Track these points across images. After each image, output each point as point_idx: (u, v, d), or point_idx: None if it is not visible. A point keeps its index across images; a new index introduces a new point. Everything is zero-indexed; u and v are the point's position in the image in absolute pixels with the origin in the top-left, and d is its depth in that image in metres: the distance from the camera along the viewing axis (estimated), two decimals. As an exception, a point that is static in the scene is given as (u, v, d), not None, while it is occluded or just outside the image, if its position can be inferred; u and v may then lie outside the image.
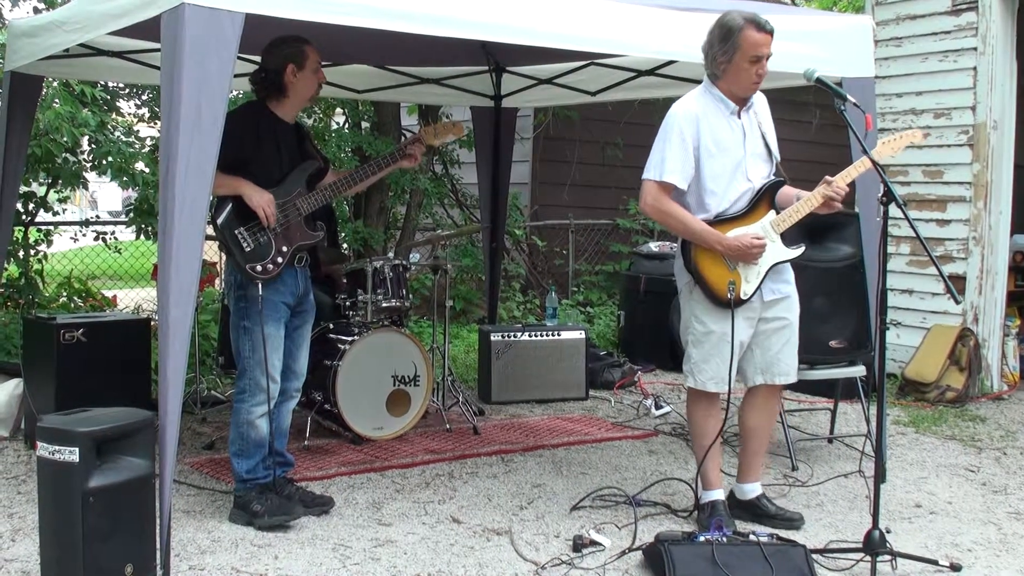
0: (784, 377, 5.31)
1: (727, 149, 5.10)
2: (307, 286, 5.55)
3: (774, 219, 5.13)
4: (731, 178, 5.10)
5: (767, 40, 4.97)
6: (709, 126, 5.07)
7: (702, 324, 5.17)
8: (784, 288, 5.24)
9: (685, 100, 5.17)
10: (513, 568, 4.72)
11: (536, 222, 13.30)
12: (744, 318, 5.12)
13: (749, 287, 5.09)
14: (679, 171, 5.03)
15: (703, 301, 5.14)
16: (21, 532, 5.06)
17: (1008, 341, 9.27)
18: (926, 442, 7.30)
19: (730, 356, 5.06)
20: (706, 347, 5.17)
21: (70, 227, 10.74)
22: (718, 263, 5.08)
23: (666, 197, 5.07)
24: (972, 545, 5.17)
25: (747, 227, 5.09)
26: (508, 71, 8.51)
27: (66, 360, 6.38)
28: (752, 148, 5.17)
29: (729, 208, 5.11)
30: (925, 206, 9.16)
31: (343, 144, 10.77)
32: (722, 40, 5.01)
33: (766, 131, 5.24)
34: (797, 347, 5.33)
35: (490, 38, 5.35)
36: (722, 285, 5.05)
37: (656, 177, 5.05)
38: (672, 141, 5.04)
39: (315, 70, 5.41)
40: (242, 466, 5.28)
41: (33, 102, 6.89)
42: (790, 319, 5.27)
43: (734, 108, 5.12)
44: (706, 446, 5.26)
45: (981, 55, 8.78)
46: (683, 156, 5.03)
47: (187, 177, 4.23)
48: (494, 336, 8.37)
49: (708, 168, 5.07)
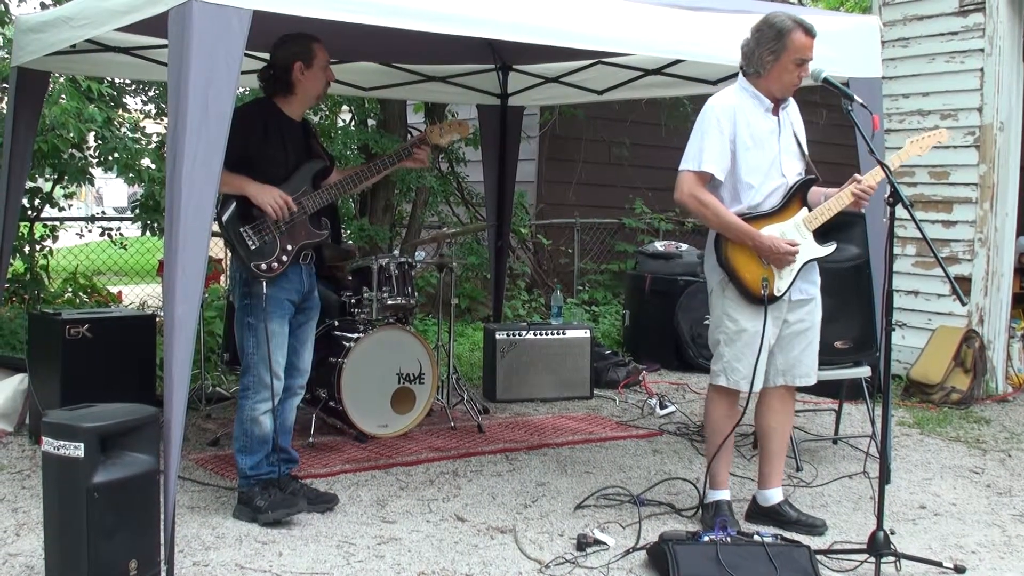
0: (804, 379, 5.32)
1: (763, 144, 5.11)
2: (312, 283, 5.55)
3: (807, 216, 5.14)
4: (767, 172, 5.12)
5: (811, 45, 5.02)
6: (746, 120, 5.09)
7: (734, 322, 5.15)
8: (811, 289, 5.25)
9: (722, 94, 5.21)
10: (517, 566, 4.72)
11: (542, 221, 13.29)
12: (772, 317, 5.11)
13: (783, 284, 5.09)
14: (716, 161, 5.04)
15: (736, 298, 5.13)
16: (26, 527, 5.06)
17: (1013, 343, 9.26)
18: (931, 444, 7.29)
19: (758, 354, 5.07)
20: (738, 345, 5.15)
21: (76, 223, 10.75)
22: (752, 260, 5.08)
23: (702, 187, 5.08)
24: (976, 547, 5.16)
25: (780, 224, 5.10)
26: (515, 69, 8.51)
27: (71, 356, 6.38)
28: (786, 145, 5.19)
29: (763, 202, 5.12)
30: (931, 207, 9.14)
31: (349, 142, 10.77)
32: (773, 39, 5.03)
33: (797, 131, 5.26)
34: (818, 350, 5.34)
35: (497, 36, 5.34)
36: (756, 282, 5.05)
37: (694, 167, 5.07)
38: (710, 132, 5.07)
39: (323, 68, 5.40)
40: (246, 462, 5.28)
41: (40, 98, 6.89)
42: (813, 322, 5.28)
43: (769, 105, 5.14)
44: (720, 444, 5.25)
45: (988, 56, 8.77)
46: (720, 147, 5.05)
47: (194, 174, 4.23)
48: (499, 334, 8.37)
49: (744, 161, 5.08)
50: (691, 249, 10.74)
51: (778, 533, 4.83)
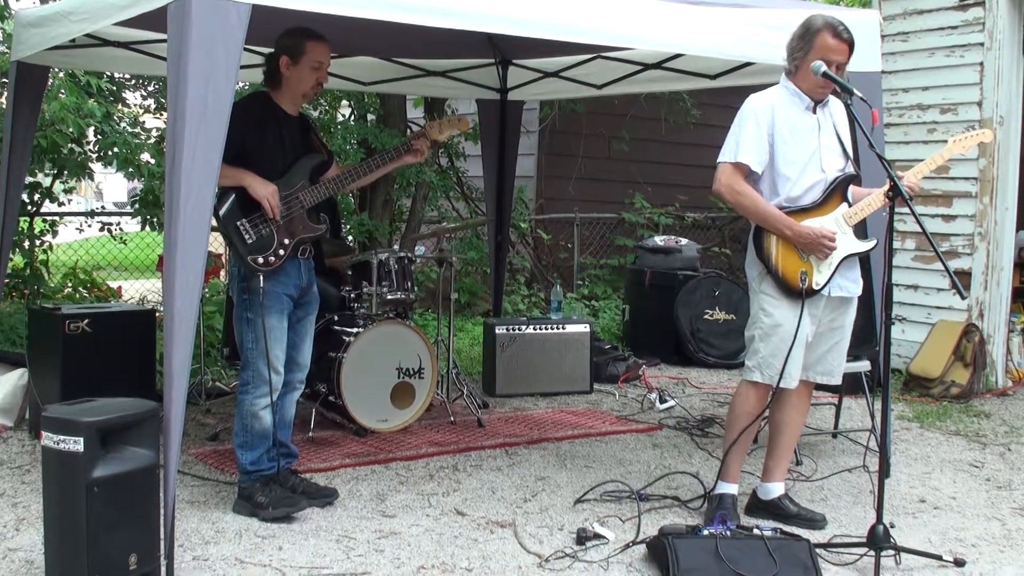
0: (826, 377, 5.32)
1: (801, 138, 5.12)
2: (311, 278, 5.54)
3: (847, 212, 5.13)
4: (805, 166, 5.11)
5: (840, 48, 5.02)
6: (784, 115, 5.11)
7: (770, 317, 5.13)
8: (852, 288, 5.23)
9: (763, 92, 5.23)
10: (517, 560, 4.72)
11: (541, 215, 13.30)
12: (809, 314, 5.09)
13: (821, 277, 5.08)
14: (753, 153, 5.06)
15: (773, 292, 5.11)
16: (25, 522, 5.07)
17: (1013, 337, 9.27)
18: (930, 438, 7.29)
19: (791, 348, 5.03)
20: (774, 341, 5.12)
21: (75, 218, 10.75)
22: (791, 252, 5.08)
23: (740, 178, 5.10)
24: (976, 540, 5.16)
25: (820, 218, 5.09)
26: (514, 64, 8.50)
27: (71, 350, 6.38)
28: (826, 141, 5.18)
29: (802, 196, 5.12)
30: (931, 201, 9.14)
31: (349, 136, 10.77)
32: (801, 37, 5.09)
33: (841, 130, 5.24)
34: (846, 350, 5.35)
35: (496, 31, 5.34)
36: (794, 274, 5.04)
37: (731, 159, 5.10)
38: (747, 126, 5.10)
39: (313, 67, 5.34)
40: (246, 457, 5.28)
41: (39, 92, 6.89)
42: (845, 323, 5.28)
43: (809, 103, 5.15)
44: (737, 437, 5.23)
45: (988, 50, 8.76)
46: (757, 140, 5.07)
47: (193, 168, 4.23)
48: (499, 329, 8.37)
49: (782, 154, 5.09)
50: (691, 244, 10.75)
51: (778, 527, 4.83)
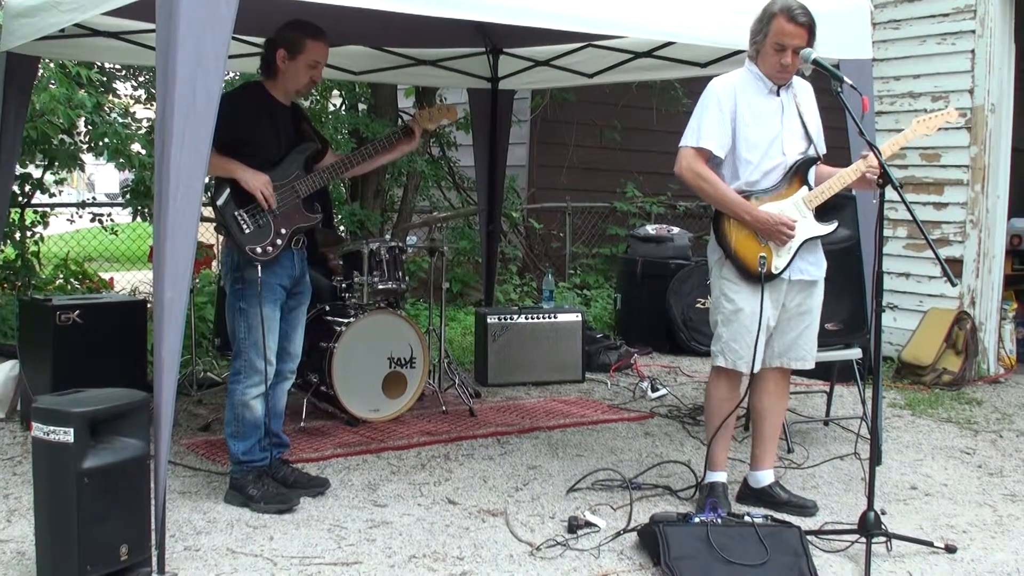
0: (801, 363, 5.30)
1: (764, 122, 5.11)
2: (303, 268, 5.53)
3: (807, 195, 5.13)
4: (766, 150, 5.11)
5: (797, 32, 4.97)
6: (747, 98, 5.10)
7: (731, 302, 5.14)
8: (813, 271, 5.22)
9: (726, 75, 5.23)
10: (508, 549, 4.72)
11: (533, 205, 13.29)
12: (771, 299, 5.10)
13: (780, 262, 5.07)
14: (715, 137, 5.06)
15: (733, 276, 5.12)
16: (17, 513, 5.06)
17: (1005, 324, 9.29)
18: (922, 425, 7.31)
19: (757, 334, 5.05)
20: (735, 326, 5.13)
21: (67, 209, 10.73)
22: (750, 237, 5.07)
23: (701, 162, 5.09)
24: (967, 527, 5.18)
25: (780, 203, 5.09)
26: (505, 53, 8.48)
27: (62, 341, 6.38)
28: (789, 124, 5.17)
29: (761, 180, 5.11)
30: (922, 189, 9.15)
31: (340, 126, 10.76)
32: (759, 21, 5.08)
33: (805, 114, 5.22)
34: (817, 334, 5.33)
35: (487, 18, 5.31)
36: (753, 259, 5.04)
37: (692, 143, 5.09)
38: (710, 109, 5.09)
39: (309, 65, 5.34)
40: (238, 447, 5.28)
41: (29, 83, 6.87)
42: (812, 306, 5.26)
43: (772, 87, 5.14)
44: (719, 426, 5.24)
45: (979, 38, 8.76)
46: (720, 124, 5.06)
47: (182, 158, 4.21)
48: (491, 319, 8.37)
49: (744, 137, 5.09)
50: (682, 232, 10.74)
51: (769, 514, 4.84)
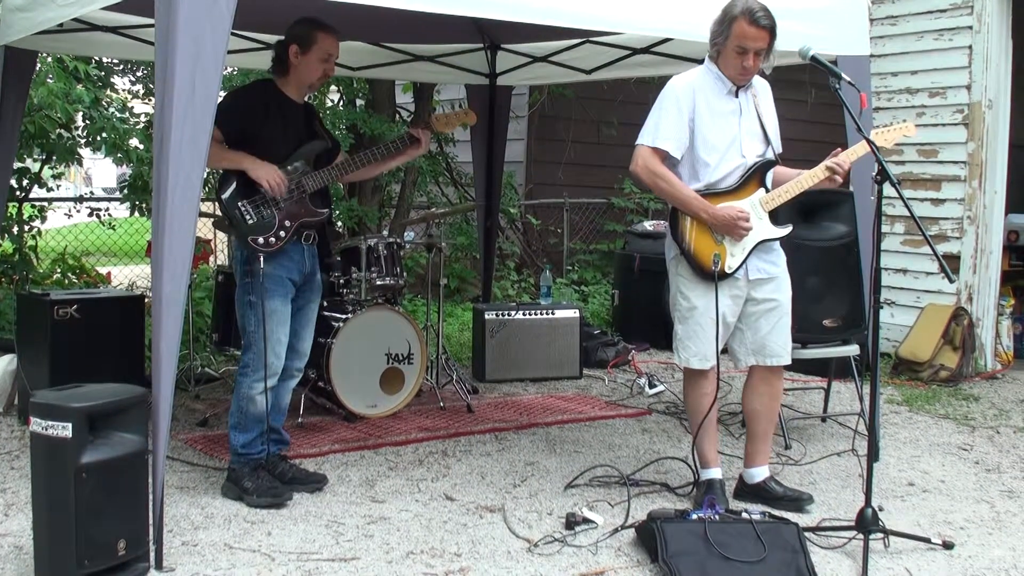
0: (775, 359, 5.28)
1: (722, 123, 5.10)
2: (314, 265, 5.54)
3: (763, 197, 5.13)
4: (724, 152, 5.10)
5: (758, 35, 4.94)
6: (706, 99, 5.09)
7: (686, 300, 5.18)
8: (771, 269, 5.21)
9: (684, 74, 5.21)
10: (506, 545, 4.73)
11: (531, 201, 13.28)
12: (729, 296, 5.12)
13: (734, 261, 5.09)
14: (673, 138, 5.05)
15: (688, 274, 5.14)
16: (14, 507, 5.06)
17: (1002, 320, 9.30)
18: (919, 421, 7.32)
19: (715, 333, 5.07)
20: (690, 323, 5.17)
21: (64, 203, 10.71)
22: (705, 235, 5.09)
23: (657, 161, 5.07)
24: (965, 523, 5.19)
25: (736, 202, 5.09)
26: (503, 49, 8.48)
27: (60, 336, 6.37)
28: (748, 126, 5.17)
29: (720, 181, 5.11)
30: (920, 185, 9.15)
31: (338, 122, 10.74)
32: (720, 22, 5.05)
33: (764, 115, 5.22)
34: (789, 329, 5.31)
35: (484, 15, 5.32)
36: (707, 257, 5.05)
37: (649, 143, 5.08)
38: (668, 109, 5.07)
39: (322, 59, 5.37)
40: (238, 439, 5.29)
41: (27, 77, 6.86)
42: (780, 300, 5.24)
43: (732, 87, 5.12)
44: (700, 423, 5.25)
45: (977, 34, 8.77)
46: (678, 125, 5.05)
47: (180, 153, 4.21)
48: (488, 314, 8.37)
49: (702, 139, 5.08)
50: (680, 229, 10.71)
51: (766, 511, 4.85)
